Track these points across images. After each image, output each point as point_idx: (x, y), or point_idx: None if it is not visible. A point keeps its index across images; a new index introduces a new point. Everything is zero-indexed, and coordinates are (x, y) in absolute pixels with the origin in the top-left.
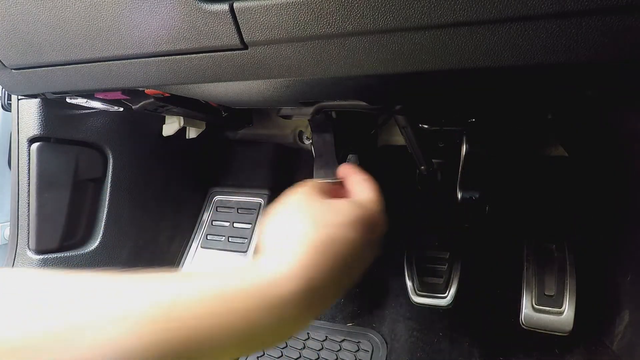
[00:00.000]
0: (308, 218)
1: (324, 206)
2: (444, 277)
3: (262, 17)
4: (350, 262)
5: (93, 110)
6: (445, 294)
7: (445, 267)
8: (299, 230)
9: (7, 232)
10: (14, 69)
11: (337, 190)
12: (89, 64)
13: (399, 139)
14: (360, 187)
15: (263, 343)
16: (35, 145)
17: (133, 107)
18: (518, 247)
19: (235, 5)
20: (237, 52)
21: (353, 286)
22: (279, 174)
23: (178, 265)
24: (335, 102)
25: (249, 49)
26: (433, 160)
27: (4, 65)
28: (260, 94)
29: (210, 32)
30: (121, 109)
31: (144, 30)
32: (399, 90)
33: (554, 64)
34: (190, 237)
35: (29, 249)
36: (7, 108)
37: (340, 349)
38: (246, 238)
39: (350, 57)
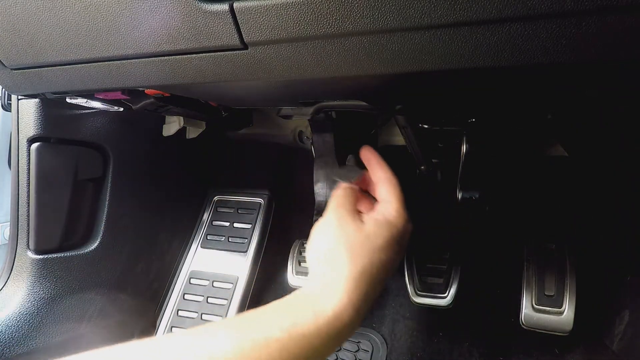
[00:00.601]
0: (346, 249)
1: (358, 234)
2: (444, 277)
3: (262, 17)
4: (384, 279)
5: (93, 110)
6: (445, 294)
7: (445, 267)
8: (340, 262)
9: (7, 232)
10: (14, 69)
11: (363, 196)
12: (89, 64)
13: (399, 139)
14: (385, 193)
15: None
16: (35, 145)
17: (133, 107)
18: (518, 247)
19: (235, 5)
20: (237, 52)
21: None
22: (279, 174)
23: (178, 265)
24: (335, 102)
25: (249, 49)
26: (433, 160)
27: (4, 65)
28: (260, 94)
29: (210, 32)
30: (121, 109)
31: (144, 30)
32: (399, 90)
33: (554, 64)
34: (190, 237)
35: (29, 249)
36: (7, 108)
37: (340, 349)
38: (246, 238)
39: (350, 57)
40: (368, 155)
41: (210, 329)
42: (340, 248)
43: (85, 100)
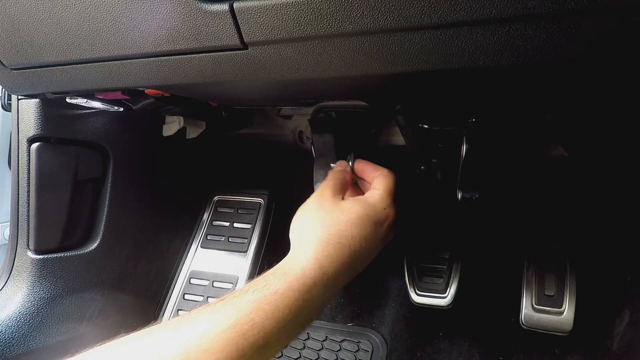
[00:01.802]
0: (319, 220)
1: (333, 207)
2: (444, 277)
3: (262, 17)
4: (357, 252)
5: (93, 110)
6: (445, 294)
7: (445, 267)
8: (312, 230)
9: (7, 232)
10: (14, 69)
11: (353, 186)
12: (89, 64)
13: (399, 139)
14: (377, 183)
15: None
16: (35, 145)
17: (133, 107)
18: (518, 247)
19: (235, 5)
20: (237, 52)
21: (357, 277)
22: (279, 174)
23: (178, 265)
24: (335, 102)
25: (249, 49)
26: (433, 160)
27: (4, 65)
28: (260, 94)
29: (210, 32)
30: (121, 109)
31: (144, 30)
32: (399, 90)
33: (554, 64)
34: (190, 237)
35: (29, 249)
36: (7, 108)
37: (340, 349)
38: (246, 238)
39: (350, 57)
40: (362, 165)
41: (194, 314)
42: (314, 219)
43: (85, 100)
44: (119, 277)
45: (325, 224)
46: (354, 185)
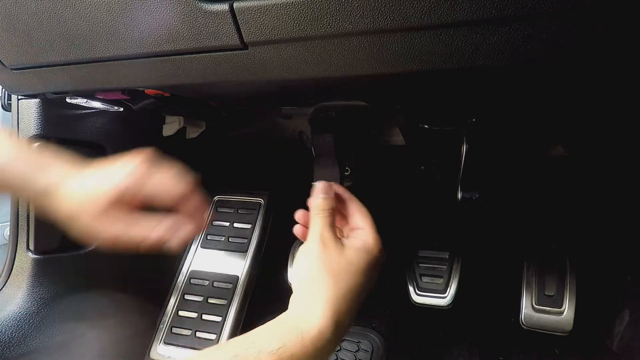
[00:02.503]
0: (329, 274)
1: (339, 258)
2: (444, 277)
3: (262, 17)
4: (362, 297)
5: (93, 110)
6: (445, 294)
7: (445, 267)
8: (323, 285)
9: (7, 232)
10: (14, 69)
11: (340, 219)
12: (89, 64)
13: (399, 139)
14: (360, 221)
15: None
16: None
17: (133, 107)
18: (518, 247)
19: (235, 5)
20: (237, 52)
21: None
22: (279, 174)
23: (178, 265)
24: (335, 102)
25: (249, 49)
26: (433, 160)
27: (4, 65)
28: (261, 94)
29: (210, 32)
30: (121, 109)
31: (144, 30)
32: (399, 90)
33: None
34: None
35: (29, 249)
36: (7, 108)
37: (340, 349)
38: (246, 238)
39: (350, 57)
40: (339, 190)
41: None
42: (323, 271)
43: (85, 100)
44: (119, 277)
45: (338, 277)
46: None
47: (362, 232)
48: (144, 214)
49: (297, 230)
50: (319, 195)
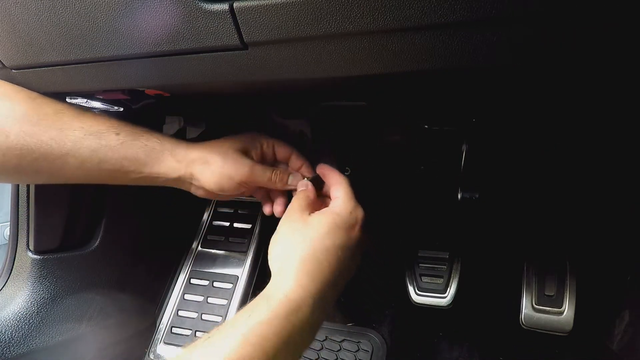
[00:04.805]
0: (293, 242)
1: (303, 225)
2: (444, 277)
3: (262, 17)
4: (335, 263)
5: (93, 110)
6: (445, 294)
7: (445, 267)
8: (288, 254)
9: (7, 232)
10: (14, 69)
11: (319, 199)
12: (89, 64)
13: (399, 139)
14: (335, 191)
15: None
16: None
17: (133, 107)
18: (518, 247)
19: (235, 5)
20: (237, 52)
21: (349, 281)
22: None
23: (178, 265)
24: (335, 102)
25: (249, 49)
26: (433, 160)
27: (4, 65)
28: (260, 94)
29: (210, 32)
30: (121, 109)
31: (144, 30)
32: (399, 90)
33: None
34: (190, 237)
35: (29, 249)
36: None
37: (340, 349)
38: (246, 238)
39: (350, 57)
40: (323, 169)
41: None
42: (287, 242)
43: (85, 100)
44: (119, 277)
45: (299, 243)
46: (319, 200)
47: (334, 200)
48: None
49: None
50: (299, 187)
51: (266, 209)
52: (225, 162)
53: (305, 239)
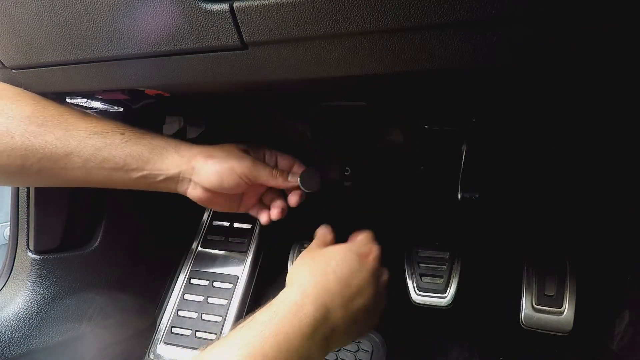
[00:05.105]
0: (309, 263)
1: (319, 253)
2: (444, 277)
3: (262, 17)
4: (345, 280)
5: (93, 110)
6: (445, 294)
7: (445, 267)
8: (305, 272)
9: (7, 232)
10: (14, 69)
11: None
12: (89, 64)
13: (399, 139)
14: (356, 234)
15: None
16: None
17: (133, 107)
18: (518, 247)
19: (235, 5)
20: (237, 52)
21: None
22: None
23: (178, 265)
24: (335, 102)
25: (249, 49)
26: (433, 160)
27: (4, 65)
28: (260, 94)
29: (210, 32)
30: (121, 109)
31: (144, 30)
32: (399, 90)
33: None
34: (190, 237)
35: (29, 249)
36: None
37: (340, 349)
38: (246, 238)
39: (350, 57)
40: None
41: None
42: (300, 266)
43: (85, 100)
44: (119, 277)
45: (314, 266)
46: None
47: (354, 237)
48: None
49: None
50: (321, 229)
51: (263, 218)
52: (228, 156)
53: (318, 261)
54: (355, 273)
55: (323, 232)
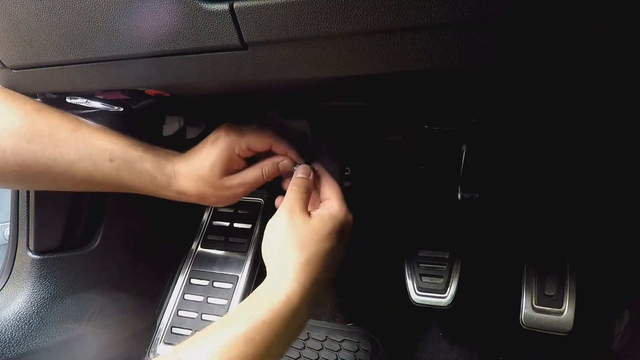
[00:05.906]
0: (295, 241)
1: (305, 227)
2: (444, 277)
3: (262, 17)
4: (329, 263)
5: (93, 110)
6: (445, 294)
7: (445, 267)
8: (290, 253)
9: (7, 232)
10: (14, 69)
11: (313, 198)
12: (89, 64)
13: (399, 139)
14: (328, 192)
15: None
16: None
17: (133, 107)
18: (518, 246)
19: (235, 5)
20: (237, 52)
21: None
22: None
23: (178, 264)
24: (335, 102)
25: (249, 49)
26: (433, 160)
27: (4, 65)
28: (260, 94)
29: (210, 32)
30: (121, 109)
31: (144, 30)
32: (399, 90)
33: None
34: (190, 237)
35: (29, 249)
36: None
37: (340, 349)
38: (246, 238)
39: (350, 57)
40: (316, 167)
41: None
42: (289, 240)
43: (85, 100)
44: (119, 277)
45: (302, 245)
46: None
47: (328, 202)
48: (251, 164)
49: (277, 201)
50: (297, 174)
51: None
52: (206, 142)
53: (308, 241)
54: (336, 251)
55: (306, 187)
